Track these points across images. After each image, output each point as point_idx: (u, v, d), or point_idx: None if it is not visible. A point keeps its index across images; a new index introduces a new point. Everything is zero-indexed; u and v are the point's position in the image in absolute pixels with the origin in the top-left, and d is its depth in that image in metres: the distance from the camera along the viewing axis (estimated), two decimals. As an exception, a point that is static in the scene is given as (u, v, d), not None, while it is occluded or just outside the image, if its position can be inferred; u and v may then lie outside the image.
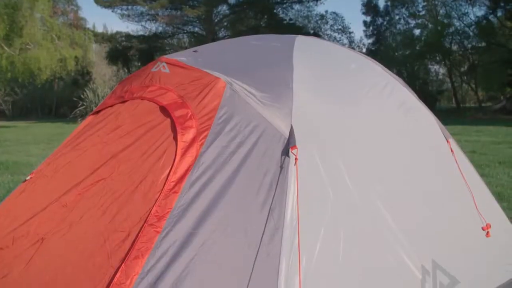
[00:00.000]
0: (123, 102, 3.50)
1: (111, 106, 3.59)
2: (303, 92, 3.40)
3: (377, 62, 4.50)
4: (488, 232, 4.48)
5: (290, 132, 3.12)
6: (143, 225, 2.66)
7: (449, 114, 30.25)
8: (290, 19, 43.58)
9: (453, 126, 19.05)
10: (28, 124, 26.59)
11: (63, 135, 16.51)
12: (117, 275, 2.49)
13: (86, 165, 3.24)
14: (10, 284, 2.82)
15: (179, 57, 3.53)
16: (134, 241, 2.62)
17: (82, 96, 34.06)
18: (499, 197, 6.08)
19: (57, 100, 47.27)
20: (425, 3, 41.04)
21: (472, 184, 4.54)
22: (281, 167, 3.02)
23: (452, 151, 4.51)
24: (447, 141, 4.54)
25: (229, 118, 3.08)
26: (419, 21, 42.11)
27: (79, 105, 33.44)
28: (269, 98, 3.23)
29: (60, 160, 3.42)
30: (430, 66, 44.69)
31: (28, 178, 3.48)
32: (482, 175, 5.13)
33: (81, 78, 43.89)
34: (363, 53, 9.85)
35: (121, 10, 40.81)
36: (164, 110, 3.19)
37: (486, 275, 4.39)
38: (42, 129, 23.90)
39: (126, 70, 42.23)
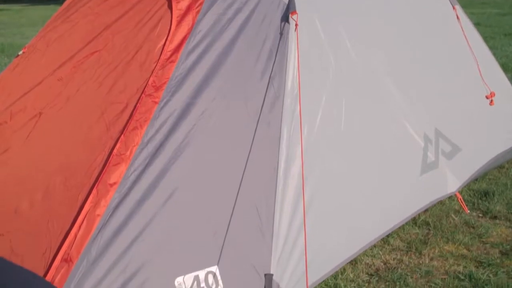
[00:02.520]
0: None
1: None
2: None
3: None
4: (491, 100, 4.43)
5: (289, -3, 2.97)
6: (140, 96, 2.60)
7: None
8: None
9: (458, -1, 18.48)
10: (21, 7, 25.96)
11: (58, 16, 16.00)
12: (117, 146, 2.47)
13: (79, 37, 3.12)
14: (10, 159, 2.81)
15: None
16: (132, 112, 2.57)
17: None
18: (504, 68, 5.98)
19: (49, -18, 45.74)
20: None
21: (477, 52, 4.43)
22: (281, 33, 2.90)
23: (458, 17, 4.35)
24: (453, 7, 4.37)
25: (225, -17, 2.92)
26: None
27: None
28: (267, -38, 3.04)
29: (52, 33, 3.30)
30: None
31: (20, 53, 3.38)
32: (487, 44, 4.99)
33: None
34: None
35: None
36: (156, -24, 3.01)
37: (488, 143, 4.40)
38: (36, 12, 23.32)
39: None
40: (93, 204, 2.32)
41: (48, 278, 2.17)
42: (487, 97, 4.40)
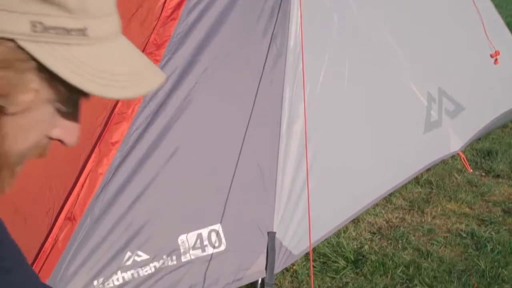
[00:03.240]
0: None
1: None
2: None
3: None
4: (496, 59, 4.38)
5: (292, -47, 2.91)
6: (141, 54, 2.57)
7: None
8: None
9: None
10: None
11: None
12: (118, 105, 2.45)
13: None
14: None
15: None
16: (133, 70, 2.54)
17: None
18: (509, 27, 5.89)
19: None
20: None
21: (482, 10, 4.36)
22: (284, -10, 2.85)
23: (463, -26, 4.27)
24: (458, -36, 4.29)
25: None
26: None
27: None
28: None
29: None
30: None
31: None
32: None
33: None
34: None
35: None
36: None
37: (492, 102, 4.37)
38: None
39: None
40: (96, 163, 2.32)
41: (52, 236, 2.19)
42: (491, 56, 4.35)
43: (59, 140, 0.71)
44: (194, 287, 2.40)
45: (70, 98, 0.65)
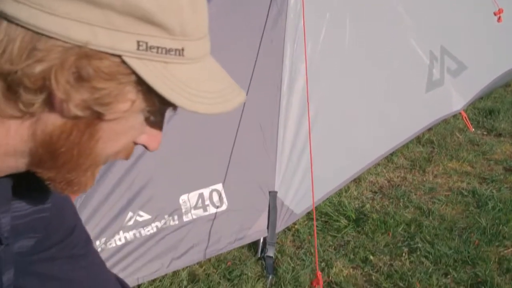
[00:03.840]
0: None
1: None
2: None
3: None
4: (499, 17, 4.30)
5: None
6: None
7: None
8: None
9: None
10: None
11: None
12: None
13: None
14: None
15: None
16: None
17: None
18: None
19: None
20: None
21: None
22: None
23: None
24: None
25: None
26: None
27: None
28: None
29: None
30: None
31: None
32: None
33: None
34: None
35: None
36: None
37: (495, 61, 4.33)
38: None
39: None
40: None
41: (54, 197, 2.18)
42: (495, 14, 4.28)
43: (143, 145, 0.79)
44: (196, 246, 2.41)
45: (160, 109, 0.73)
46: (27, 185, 0.91)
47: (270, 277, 2.47)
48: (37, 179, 0.80)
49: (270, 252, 2.58)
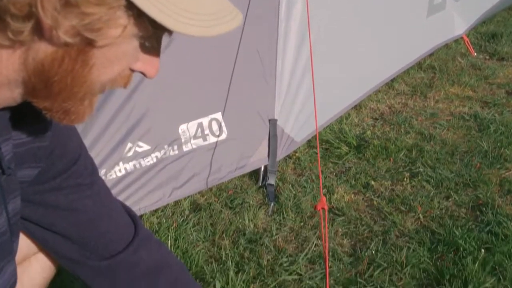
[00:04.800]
0: None
1: None
2: None
3: None
4: None
5: None
6: None
7: None
8: None
9: None
10: None
11: None
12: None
13: None
14: None
15: None
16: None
17: None
18: None
19: None
20: None
21: None
22: None
23: None
24: None
25: None
26: None
27: None
28: None
29: None
30: None
31: None
32: None
33: None
34: None
35: None
36: None
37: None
38: None
39: None
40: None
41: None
42: None
43: (141, 72, 0.81)
44: (197, 176, 2.40)
45: (154, 35, 0.72)
46: (25, 117, 0.89)
47: (272, 204, 2.47)
48: (35, 111, 0.80)
49: (271, 180, 2.58)
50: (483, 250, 2.11)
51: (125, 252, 1.17)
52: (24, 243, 1.11)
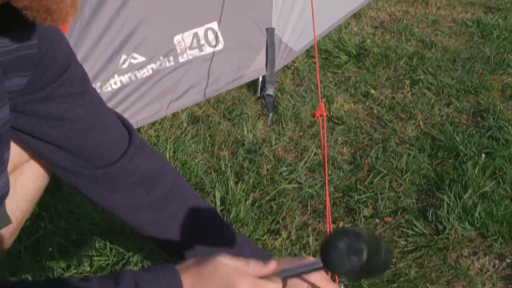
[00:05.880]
0: None
1: None
2: None
3: None
4: None
5: None
6: None
7: None
8: None
9: None
10: None
11: None
12: None
13: None
14: None
15: None
16: None
17: None
18: None
19: None
20: None
21: None
22: None
23: None
24: None
25: None
26: None
27: None
28: None
29: None
30: None
31: None
32: None
33: None
34: None
35: None
36: None
37: None
38: None
39: None
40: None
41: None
42: None
43: None
44: (194, 87, 2.36)
45: None
46: (8, 24, 0.85)
47: (271, 115, 2.44)
48: (18, 16, 0.76)
49: (270, 91, 2.54)
50: (483, 155, 2.11)
51: (121, 160, 1.15)
52: (16, 152, 1.08)
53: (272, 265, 0.96)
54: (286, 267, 0.98)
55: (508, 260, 1.71)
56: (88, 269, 1.64)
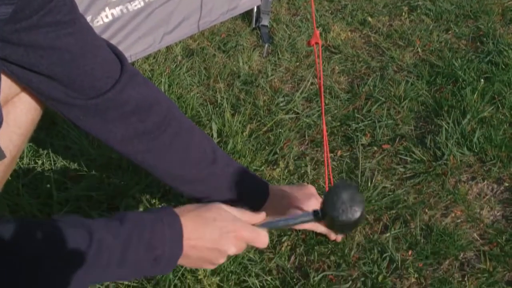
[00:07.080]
0: None
1: None
2: None
3: None
4: None
5: None
6: None
7: None
8: None
9: None
10: None
11: None
12: None
13: None
14: None
15: None
16: None
17: None
18: None
19: None
20: None
21: None
22: None
23: None
24: None
25: None
26: None
27: None
28: None
29: None
30: None
31: None
32: None
33: None
34: None
35: None
36: None
37: None
38: None
39: None
40: None
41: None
42: None
43: None
44: (188, 19, 2.30)
45: None
46: None
47: (266, 45, 2.40)
48: None
49: (265, 21, 2.49)
50: (482, 80, 2.08)
51: (113, 90, 1.13)
52: (5, 84, 1.06)
53: (262, 215, 1.11)
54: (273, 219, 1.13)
55: (506, 184, 1.71)
56: (87, 204, 1.65)
